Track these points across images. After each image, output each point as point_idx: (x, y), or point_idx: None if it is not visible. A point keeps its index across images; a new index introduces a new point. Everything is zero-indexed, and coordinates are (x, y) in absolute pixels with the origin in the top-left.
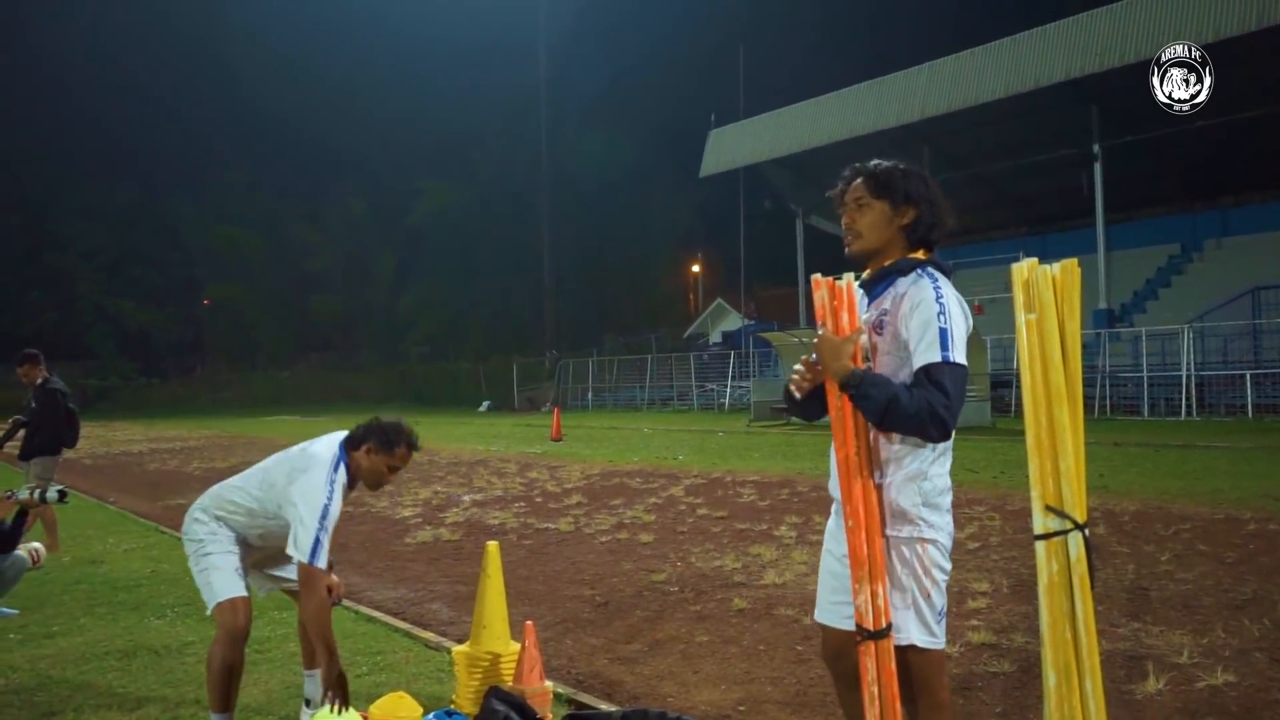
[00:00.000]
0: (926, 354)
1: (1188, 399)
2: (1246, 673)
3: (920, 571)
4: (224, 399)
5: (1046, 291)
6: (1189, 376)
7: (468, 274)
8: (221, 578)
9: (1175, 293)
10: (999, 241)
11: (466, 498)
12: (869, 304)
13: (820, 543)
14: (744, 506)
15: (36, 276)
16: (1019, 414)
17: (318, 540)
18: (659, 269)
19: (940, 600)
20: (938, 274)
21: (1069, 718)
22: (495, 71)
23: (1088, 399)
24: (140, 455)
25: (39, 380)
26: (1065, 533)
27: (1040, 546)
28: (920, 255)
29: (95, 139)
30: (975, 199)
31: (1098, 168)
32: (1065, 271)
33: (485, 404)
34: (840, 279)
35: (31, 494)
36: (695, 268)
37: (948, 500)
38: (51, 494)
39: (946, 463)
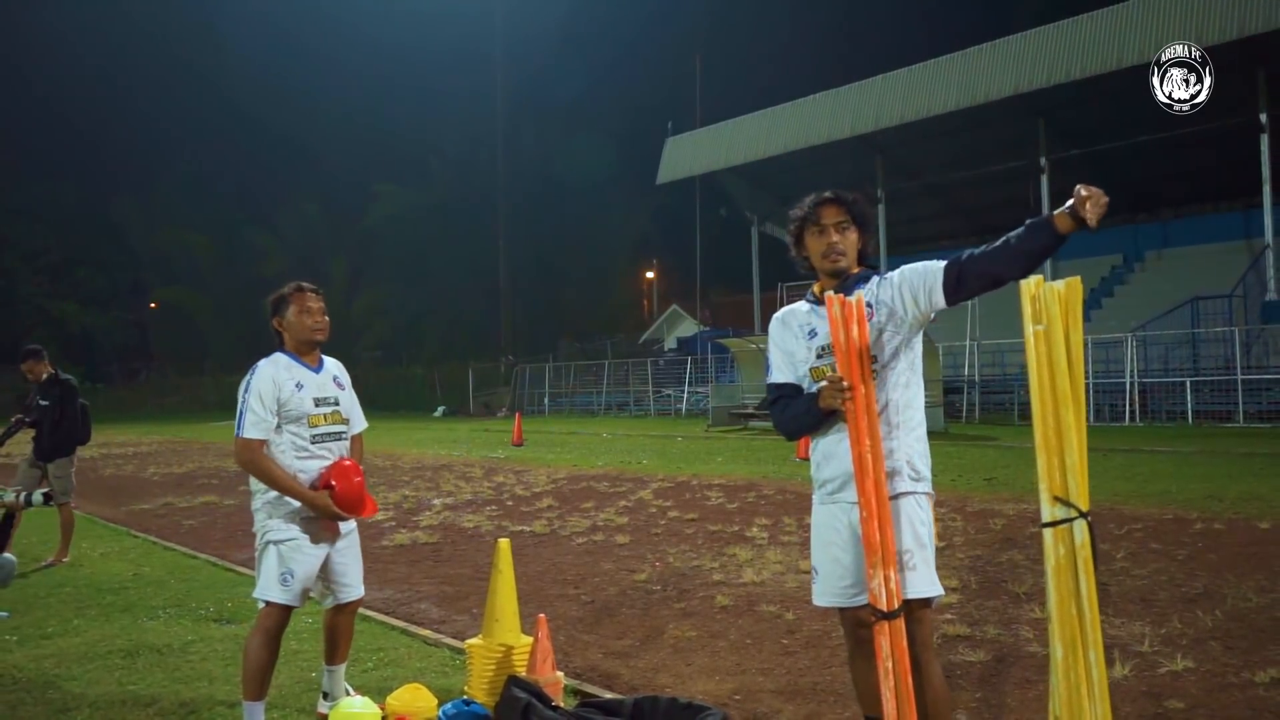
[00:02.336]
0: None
1: (1131, 405)
2: (1203, 659)
3: (930, 524)
4: (171, 404)
5: (1054, 305)
6: (1132, 383)
7: (422, 278)
8: (278, 579)
9: (1118, 302)
10: (949, 251)
11: (437, 501)
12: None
13: (790, 543)
14: (714, 509)
15: None
16: (970, 420)
17: (241, 412)
18: (615, 275)
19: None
20: None
21: (1075, 686)
22: (453, 77)
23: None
24: (94, 461)
25: (44, 376)
26: (1070, 520)
27: (1048, 533)
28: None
29: (38, 136)
30: (926, 209)
31: (1045, 180)
32: (1070, 288)
33: (441, 409)
34: (851, 296)
35: (17, 497)
36: (650, 274)
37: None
38: (37, 497)
39: (924, 429)
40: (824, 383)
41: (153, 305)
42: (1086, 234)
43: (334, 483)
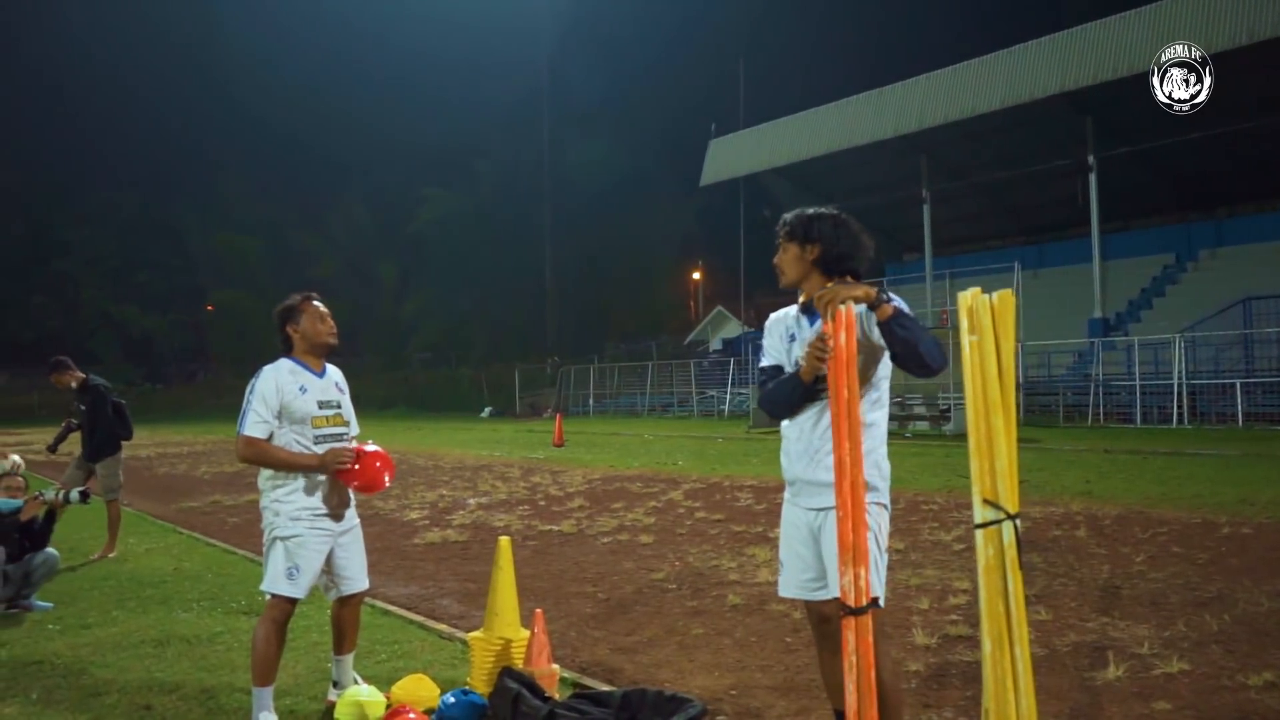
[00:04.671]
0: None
1: (1179, 407)
2: (1201, 662)
3: (877, 531)
4: (227, 404)
5: (985, 317)
6: (1180, 385)
7: (470, 281)
8: (284, 573)
9: (1170, 302)
10: (996, 250)
11: (472, 501)
12: (810, 322)
13: None
14: (741, 510)
15: (41, 282)
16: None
17: (245, 412)
18: (660, 276)
19: (886, 560)
20: None
21: (1001, 679)
22: (498, 81)
23: (1082, 406)
24: (149, 460)
25: (73, 384)
26: (999, 522)
27: (979, 534)
28: (849, 280)
29: (100, 147)
30: (972, 209)
31: (1093, 178)
32: (1002, 300)
33: (487, 410)
34: (842, 305)
35: (57, 495)
36: (696, 275)
37: (890, 476)
38: (74, 496)
39: (886, 445)
40: (809, 348)
41: (209, 307)
42: (1138, 233)
43: (359, 465)
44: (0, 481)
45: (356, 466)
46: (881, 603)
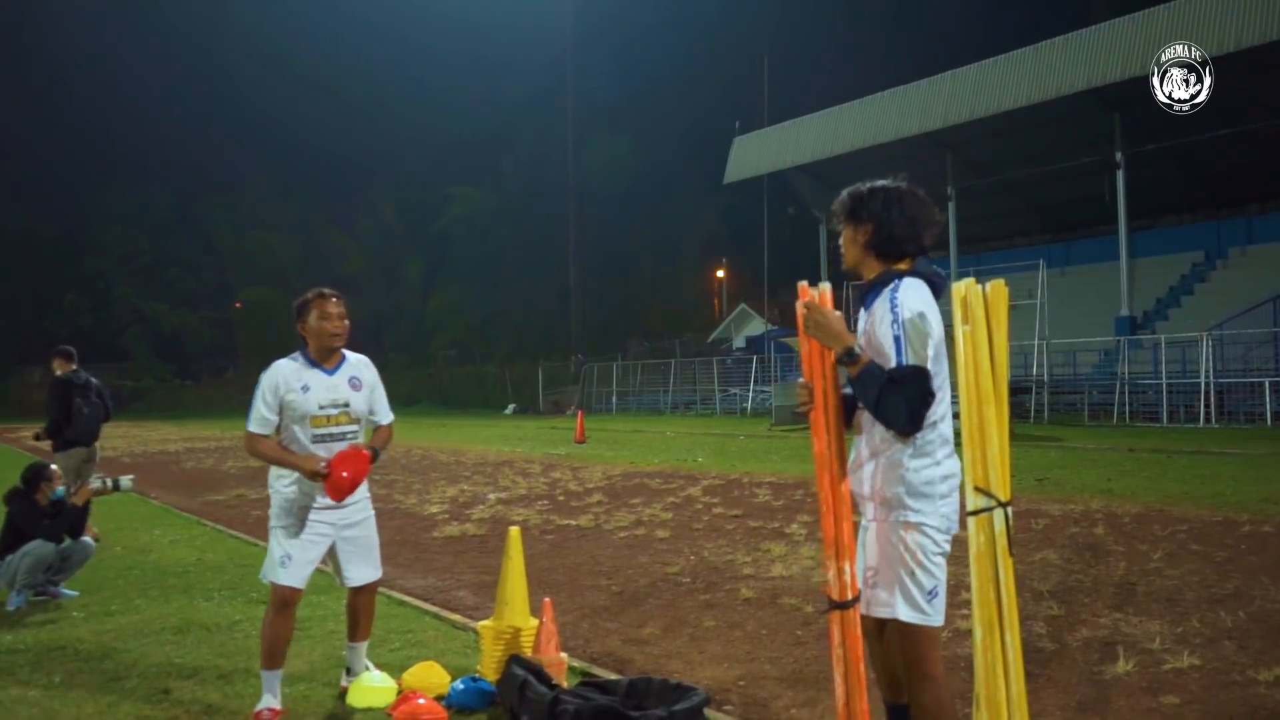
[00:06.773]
0: (887, 362)
1: (1207, 406)
2: (1212, 657)
3: (904, 551)
4: None
5: (978, 308)
6: (1207, 384)
7: (495, 278)
8: (278, 560)
9: (1199, 300)
10: (1022, 249)
11: (492, 496)
12: (863, 312)
13: None
14: (759, 506)
15: (74, 280)
16: (1039, 420)
17: (251, 407)
18: (683, 274)
19: (929, 581)
20: (907, 283)
21: (991, 665)
22: (522, 79)
23: (1108, 405)
24: (176, 454)
25: (58, 374)
26: (991, 509)
27: (971, 521)
28: (903, 265)
29: (131, 148)
30: (998, 206)
31: (1120, 175)
32: (995, 290)
33: (511, 407)
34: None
35: (104, 484)
36: (719, 273)
37: (940, 489)
38: (124, 483)
39: (931, 457)
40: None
41: (238, 305)
42: (1166, 230)
43: (332, 468)
44: (41, 476)
45: (331, 474)
46: (939, 619)
